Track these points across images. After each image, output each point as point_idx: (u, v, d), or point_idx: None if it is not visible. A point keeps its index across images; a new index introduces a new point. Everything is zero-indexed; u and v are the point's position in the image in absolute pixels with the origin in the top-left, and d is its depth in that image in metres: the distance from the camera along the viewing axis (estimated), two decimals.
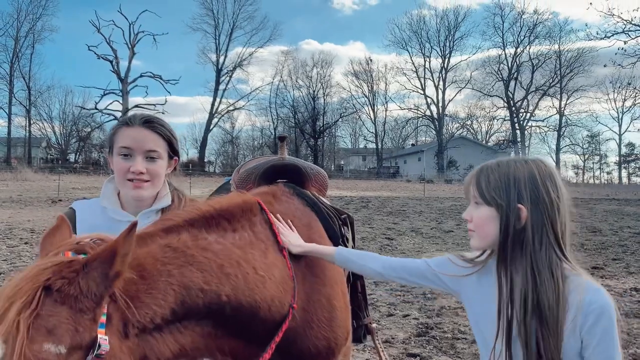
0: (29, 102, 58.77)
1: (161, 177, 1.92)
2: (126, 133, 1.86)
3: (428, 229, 14.97)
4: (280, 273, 1.85)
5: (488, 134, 71.90)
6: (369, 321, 2.69)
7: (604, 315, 1.46)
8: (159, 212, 1.95)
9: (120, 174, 1.85)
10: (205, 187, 27.42)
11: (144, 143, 1.85)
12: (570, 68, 62.76)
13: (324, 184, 2.83)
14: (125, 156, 1.84)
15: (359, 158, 77.25)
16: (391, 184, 46.04)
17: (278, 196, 2.27)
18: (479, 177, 1.63)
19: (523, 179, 1.56)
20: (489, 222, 1.59)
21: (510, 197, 1.55)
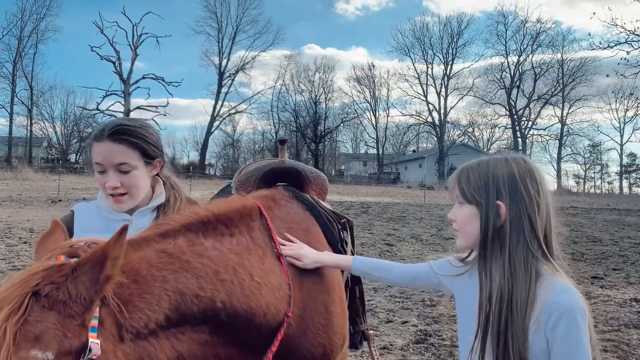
0: (31, 102, 58.85)
1: (139, 187, 1.89)
2: (96, 149, 1.85)
3: (428, 235, 14.94)
4: (277, 279, 1.83)
5: (489, 141, 71.89)
6: (366, 327, 2.68)
7: (565, 315, 1.45)
8: (154, 210, 1.95)
9: (101, 189, 1.87)
10: (205, 190, 27.41)
11: (112, 158, 1.82)
12: (572, 77, 62.85)
13: (324, 187, 2.81)
14: (100, 172, 1.85)
15: (360, 163, 77.25)
16: (392, 190, 46.01)
17: (277, 200, 2.25)
18: (460, 176, 1.66)
19: (502, 176, 1.58)
20: (471, 221, 1.61)
21: (490, 194, 1.58)
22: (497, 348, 1.51)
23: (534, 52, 64.22)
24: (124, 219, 1.88)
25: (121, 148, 1.83)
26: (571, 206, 28.31)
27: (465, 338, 1.66)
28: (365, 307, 2.78)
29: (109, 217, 1.88)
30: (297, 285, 1.93)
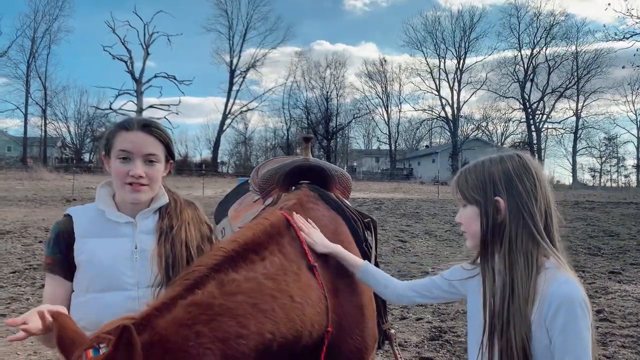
0: (45, 102, 59.38)
1: (158, 181, 1.92)
2: (125, 137, 1.86)
3: (442, 231, 14.84)
4: (316, 294, 1.83)
5: (503, 135, 71.22)
6: (387, 327, 2.65)
7: (563, 305, 1.45)
8: (156, 212, 1.95)
9: (119, 178, 1.85)
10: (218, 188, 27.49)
11: (143, 147, 1.85)
12: (587, 69, 61.98)
13: (348, 186, 2.80)
14: (124, 159, 1.84)
15: (372, 159, 77.04)
16: (404, 186, 45.84)
17: (304, 204, 2.25)
18: (459, 180, 1.71)
19: (497, 173, 1.62)
20: (474, 221, 1.65)
21: (487, 192, 1.61)
22: (500, 342, 1.52)
23: (547, 44, 63.50)
24: (127, 221, 1.88)
25: (152, 140, 1.88)
26: (587, 200, 27.98)
27: (474, 336, 1.67)
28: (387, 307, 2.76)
29: (112, 220, 1.87)
30: (332, 292, 1.93)
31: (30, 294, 6.95)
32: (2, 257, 9.36)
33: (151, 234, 1.89)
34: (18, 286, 7.34)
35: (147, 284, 1.82)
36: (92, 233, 1.85)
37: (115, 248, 1.83)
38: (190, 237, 1.91)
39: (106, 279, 1.78)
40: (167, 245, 1.86)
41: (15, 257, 9.44)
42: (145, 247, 1.85)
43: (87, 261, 1.80)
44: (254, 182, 2.94)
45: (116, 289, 1.78)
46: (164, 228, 1.89)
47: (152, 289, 1.81)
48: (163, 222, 1.91)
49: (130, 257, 1.83)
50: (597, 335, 5.60)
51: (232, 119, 64.63)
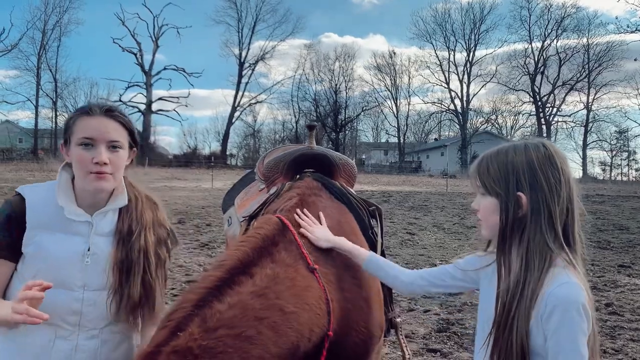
0: (56, 94, 59.75)
1: (122, 169, 1.82)
2: (87, 122, 1.75)
3: (450, 224, 14.81)
4: (315, 296, 1.78)
5: (513, 128, 70.71)
6: (393, 315, 2.66)
7: (558, 308, 1.43)
8: (115, 212, 1.85)
9: (82, 166, 1.73)
10: (227, 180, 27.54)
11: (106, 133, 1.75)
12: (598, 62, 61.33)
13: (352, 174, 2.78)
14: (87, 146, 1.73)
15: (381, 152, 76.88)
16: (413, 179, 45.72)
17: (307, 198, 2.21)
18: (480, 167, 1.64)
19: (521, 165, 1.55)
20: (493, 212, 1.60)
21: (509, 186, 1.56)
22: (503, 337, 1.51)
23: (558, 37, 62.90)
24: (85, 220, 1.78)
25: (115, 125, 1.78)
26: (597, 194, 27.79)
27: (483, 328, 1.65)
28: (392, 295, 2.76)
29: (69, 218, 1.77)
30: (337, 288, 1.91)
31: None
32: None
33: (107, 236, 1.81)
34: None
35: (95, 287, 1.75)
36: (44, 225, 1.75)
37: (66, 247, 1.74)
38: (148, 243, 1.84)
39: (52, 276, 1.68)
40: (125, 250, 1.78)
41: None
42: (98, 250, 1.77)
43: (35, 255, 1.73)
44: (259, 171, 2.94)
45: (61, 287, 1.70)
46: (123, 232, 1.81)
47: (101, 292, 1.76)
48: (123, 225, 1.82)
49: (82, 259, 1.75)
50: (606, 329, 5.59)
51: (241, 111, 64.81)
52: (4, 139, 58.70)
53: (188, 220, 13.29)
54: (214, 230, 11.74)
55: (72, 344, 1.75)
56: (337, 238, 2.02)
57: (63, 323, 1.73)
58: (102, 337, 1.79)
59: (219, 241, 10.12)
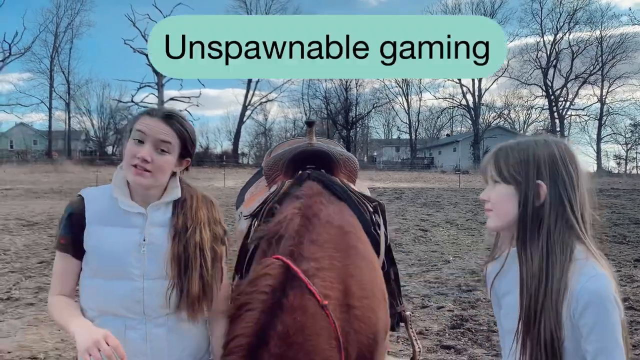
0: (69, 96, 60.40)
1: (165, 172, 1.87)
2: (145, 121, 1.85)
3: (463, 220, 14.73)
4: (326, 335, 1.82)
5: (526, 123, 70.14)
6: (402, 309, 2.64)
7: (592, 303, 1.40)
8: (169, 205, 1.91)
9: (127, 157, 1.82)
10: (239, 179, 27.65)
11: (157, 132, 1.82)
12: (612, 54, 60.61)
13: (354, 170, 2.75)
14: (138, 142, 1.81)
15: (392, 149, 76.61)
16: (425, 175, 45.54)
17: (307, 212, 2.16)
18: (498, 155, 1.62)
19: (542, 156, 1.54)
20: (507, 200, 1.58)
21: (530, 174, 1.54)
22: (531, 333, 1.48)
23: (571, 29, 62.24)
24: (138, 212, 1.85)
25: (168, 129, 1.85)
26: (612, 188, 27.47)
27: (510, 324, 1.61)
28: (401, 289, 2.75)
29: (125, 210, 1.85)
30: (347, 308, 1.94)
31: None
32: (30, 248, 9.59)
33: (162, 226, 1.87)
34: (45, 276, 7.51)
35: (154, 276, 1.81)
36: (102, 220, 1.84)
37: (123, 238, 1.82)
38: (204, 239, 1.88)
39: (112, 268, 1.79)
40: (181, 246, 1.83)
41: (42, 247, 9.66)
42: (154, 240, 1.83)
43: (95, 248, 1.82)
44: (264, 167, 2.94)
45: (122, 279, 1.79)
46: (178, 228, 1.86)
47: (159, 282, 1.81)
48: (178, 221, 1.88)
49: (138, 249, 1.81)
50: None
51: (252, 110, 64.95)
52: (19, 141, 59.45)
53: None
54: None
55: (142, 333, 1.82)
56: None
57: (129, 313, 1.81)
58: (169, 325, 1.85)
59: (232, 239, 10.16)
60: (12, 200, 18.54)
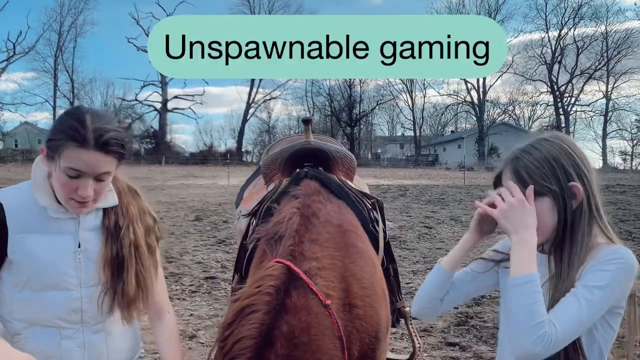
0: (73, 95, 60.67)
1: (106, 190, 1.74)
2: (77, 154, 1.60)
3: (468, 217, 14.68)
4: (329, 335, 1.83)
5: (531, 119, 69.89)
6: (401, 305, 2.65)
7: (614, 260, 1.40)
8: (99, 211, 1.78)
9: (65, 191, 1.64)
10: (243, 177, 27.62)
11: (96, 167, 1.63)
12: (617, 50, 60.28)
13: (351, 167, 2.76)
14: (71, 177, 1.62)
15: (397, 146, 76.50)
16: (430, 172, 45.47)
17: (306, 211, 2.16)
18: (517, 168, 1.55)
19: (560, 156, 1.51)
20: (546, 213, 1.51)
21: (560, 178, 1.50)
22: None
23: (576, 25, 61.93)
24: (70, 217, 1.72)
25: (108, 158, 1.65)
26: (618, 184, 27.34)
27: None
28: (400, 284, 2.75)
29: (53, 217, 1.71)
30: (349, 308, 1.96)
31: None
32: None
33: (95, 230, 1.75)
34: None
35: (91, 283, 1.72)
36: (30, 228, 1.67)
37: (56, 247, 1.68)
38: (138, 235, 1.78)
39: (46, 279, 1.65)
40: (114, 248, 1.73)
41: None
42: (88, 245, 1.72)
43: (24, 260, 1.66)
44: (262, 165, 2.95)
45: (57, 289, 1.67)
46: (110, 228, 1.75)
47: (98, 288, 1.72)
48: (109, 221, 1.76)
49: (74, 257, 1.70)
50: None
51: (256, 108, 65.11)
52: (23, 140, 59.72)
53: (205, 218, 13.38)
54: (230, 227, 11.79)
55: (79, 341, 1.72)
56: None
57: (65, 323, 1.70)
58: (106, 330, 1.78)
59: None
60: None
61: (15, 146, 61.64)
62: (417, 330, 5.11)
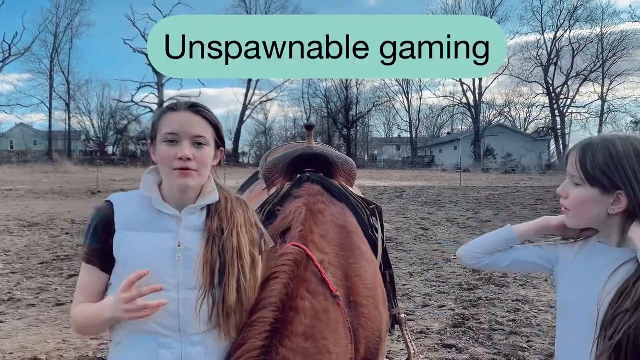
0: (69, 96, 60.62)
1: (208, 167, 1.74)
2: (172, 118, 1.70)
3: (464, 219, 14.71)
4: (342, 327, 1.85)
5: (527, 121, 70.20)
6: (397, 311, 2.67)
7: None
8: (204, 209, 1.76)
9: (166, 162, 1.68)
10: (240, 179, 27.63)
11: (191, 127, 1.69)
12: (613, 52, 60.55)
13: (352, 173, 2.78)
14: (171, 142, 1.67)
15: (393, 148, 76.62)
16: (426, 174, 45.53)
17: (312, 207, 2.19)
18: (584, 155, 1.57)
19: (632, 162, 1.51)
20: (589, 204, 1.56)
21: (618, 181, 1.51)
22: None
23: (571, 27, 62.20)
24: (172, 214, 1.70)
25: (200, 120, 1.72)
26: None
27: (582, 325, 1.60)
28: (397, 291, 2.77)
29: (158, 212, 1.71)
30: (355, 305, 2.00)
31: (58, 284, 7.10)
32: (31, 249, 9.59)
33: (197, 231, 1.71)
34: (46, 277, 7.51)
35: (189, 286, 1.65)
36: (133, 225, 1.68)
37: (156, 244, 1.66)
38: (242, 243, 1.72)
39: (146, 278, 1.60)
40: (216, 250, 1.68)
41: (43, 248, 9.66)
42: (189, 245, 1.68)
43: (126, 257, 1.66)
44: (262, 170, 2.95)
45: None
46: (213, 231, 1.70)
47: (196, 292, 1.65)
48: (212, 224, 1.72)
49: (173, 256, 1.65)
50: None
51: (252, 109, 65.22)
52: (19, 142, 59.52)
53: None
54: None
55: (177, 352, 1.64)
56: None
57: (163, 329, 1.64)
58: (206, 344, 1.68)
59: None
60: (13, 201, 18.54)
61: (11, 148, 61.46)
62: (414, 331, 5.11)
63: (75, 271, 7.48)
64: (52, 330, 5.26)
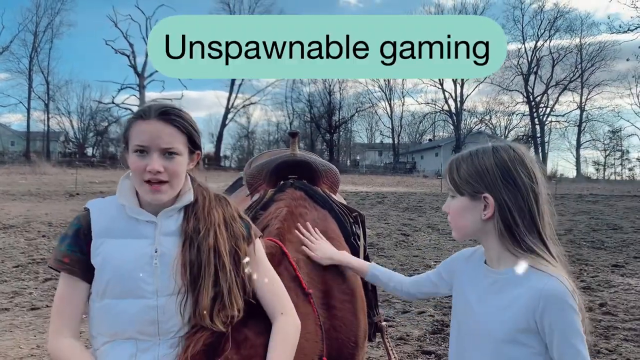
0: (48, 97, 59.69)
1: (181, 177, 1.70)
2: (141, 128, 1.65)
3: (445, 225, 14.80)
4: (312, 323, 1.87)
5: (507, 129, 70.98)
6: (378, 319, 2.68)
7: (551, 301, 1.43)
8: (181, 211, 1.74)
9: (137, 173, 1.65)
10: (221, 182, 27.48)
11: (160, 140, 1.63)
12: (591, 62, 61.77)
13: (335, 180, 2.78)
14: (141, 153, 1.63)
15: (375, 153, 76.94)
16: (407, 180, 45.80)
17: (294, 211, 2.23)
18: (450, 169, 1.65)
19: (491, 166, 1.55)
20: (462, 213, 1.61)
21: (479, 185, 1.55)
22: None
23: (551, 37, 63.28)
24: (149, 220, 1.69)
25: (170, 130, 1.66)
26: (591, 193, 27.91)
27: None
28: (378, 299, 2.77)
29: (134, 217, 1.69)
30: (328, 306, 2.01)
31: (33, 288, 6.97)
32: (5, 252, 9.40)
33: (174, 235, 1.69)
34: (21, 280, 7.37)
35: (168, 292, 1.63)
36: (109, 232, 1.66)
37: (133, 251, 1.64)
38: (220, 241, 1.69)
39: (123, 285, 1.60)
40: (193, 251, 1.65)
41: (19, 251, 9.47)
42: (166, 251, 1.66)
43: (103, 264, 1.63)
44: (246, 176, 2.95)
45: (133, 297, 1.61)
46: (189, 232, 1.68)
47: (175, 297, 1.64)
48: (188, 225, 1.70)
49: (150, 262, 1.63)
50: (600, 329, 5.58)
51: (235, 113, 64.93)
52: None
53: None
54: None
55: (154, 355, 1.63)
56: (339, 254, 2.12)
57: (142, 335, 1.63)
58: (182, 345, 1.66)
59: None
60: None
61: None
62: (393, 338, 5.11)
63: (52, 275, 7.34)
64: (25, 336, 5.16)
